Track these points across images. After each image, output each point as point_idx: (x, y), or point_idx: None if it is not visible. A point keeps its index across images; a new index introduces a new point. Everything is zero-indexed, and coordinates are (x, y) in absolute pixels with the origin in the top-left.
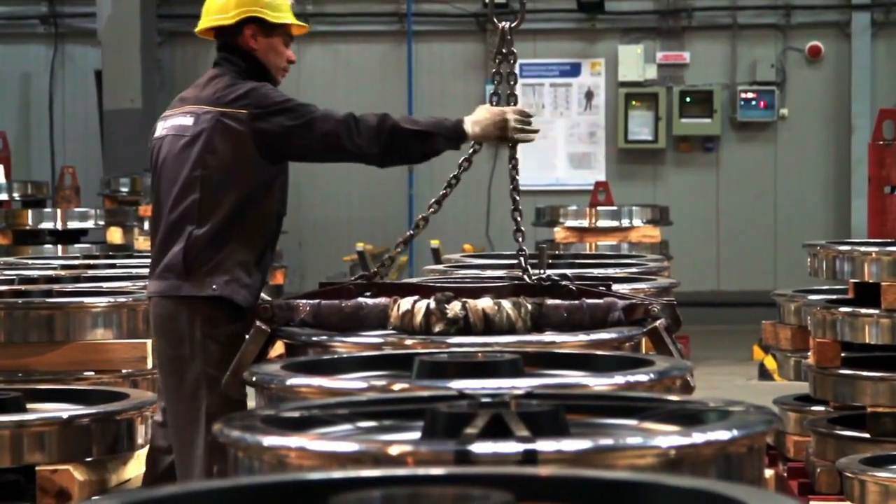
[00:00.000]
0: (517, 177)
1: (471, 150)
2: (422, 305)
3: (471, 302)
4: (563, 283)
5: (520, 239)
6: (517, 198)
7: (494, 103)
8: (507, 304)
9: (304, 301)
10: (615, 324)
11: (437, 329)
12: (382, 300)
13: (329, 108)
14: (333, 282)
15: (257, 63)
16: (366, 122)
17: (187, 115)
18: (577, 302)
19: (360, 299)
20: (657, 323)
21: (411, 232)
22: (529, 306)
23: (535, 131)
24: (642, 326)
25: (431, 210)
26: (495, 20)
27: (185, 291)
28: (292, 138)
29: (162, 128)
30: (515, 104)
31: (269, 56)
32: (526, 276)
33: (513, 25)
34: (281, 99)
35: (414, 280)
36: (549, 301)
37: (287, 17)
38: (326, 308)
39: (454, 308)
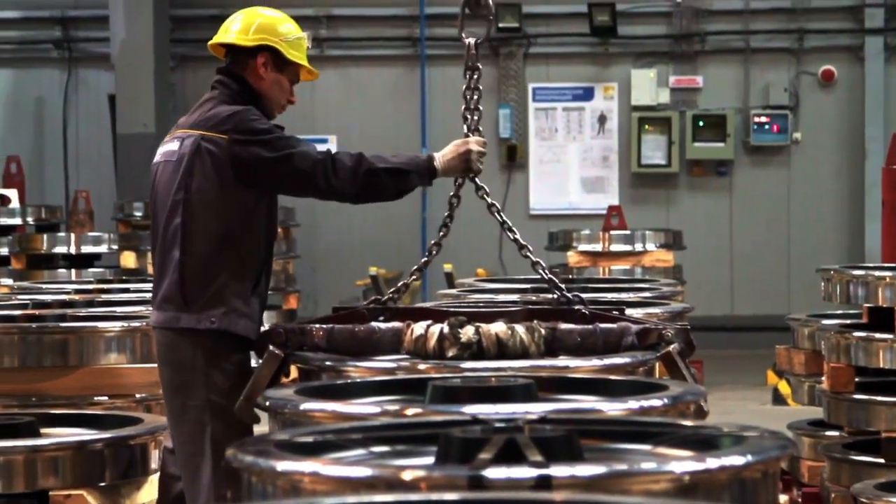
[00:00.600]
0: (489, 199)
1: (456, 185)
2: (435, 330)
3: (484, 326)
4: (577, 307)
5: (529, 255)
6: (503, 219)
7: (465, 118)
8: (520, 328)
9: (317, 325)
10: (629, 348)
11: (450, 354)
12: (396, 324)
13: (309, 144)
14: (347, 306)
15: (251, 90)
16: (341, 162)
17: (175, 139)
18: (590, 326)
19: (374, 324)
20: (671, 348)
21: (425, 258)
22: (543, 331)
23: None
24: (656, 351)
25: (442, 234)
26: (462, 35)
27: (184, 324)
28: (267, 171)
29: (158, 154)
30: (479, 118)
31: (272, 89)
32: (553, 286)
33: (479, 41)
34: (262, 128)
35: (427, 304)
36: (563, 326)
37: (301, 59)
38: (340, 332)
39: (467, 333)
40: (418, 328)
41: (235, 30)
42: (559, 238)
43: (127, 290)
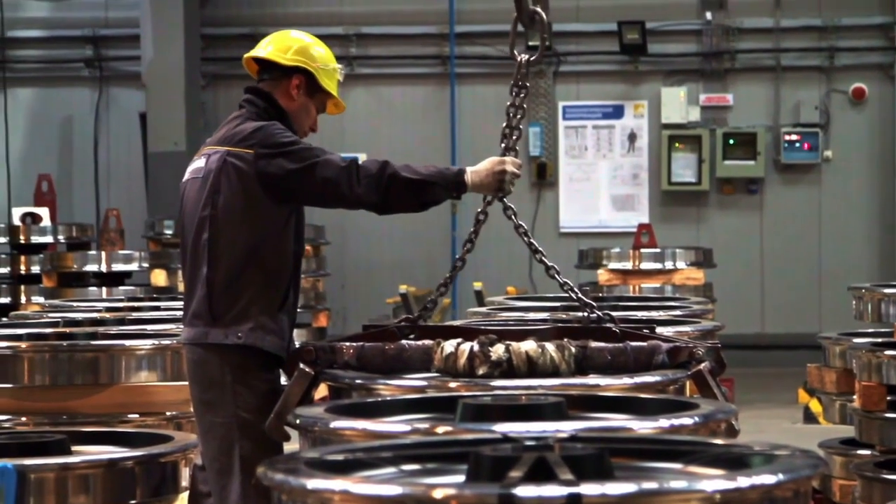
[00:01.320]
0: (516, 220)
1: (485, 202)
2: (465, 348)
3: (514, 345)
4: (607, 325)
5: (556, 275)
6: (529, 240)
7: (505, 135)
8: (550, 346)
9: (347, 343)
10: (659, 367)
11: (480, 372)
12: (426, 342)
13: (333, 154)
14: (377, 324)
15: (279, 109)
16: (366, 169)
17: (202, 156)
18: (620, 345)
19: (404, 342)
20: (701, 366)
21: (450, 274)
22: (573, 349)
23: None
24: (687, 369)
25: (466, 249)
26: (514, 52)
27: (212, 339)
28: (292, 182)
29: (186, 172)
30: (518, 138)
31: (299, 112)
32: (583, 304)
33: (532, 59)
34: (286, 140)
35: (457, 322)
36: (593, 344)
37: (332, 88)
38: (370, 350)
39: (498, 351)
40: (448, 346)
41: (274, 47)
42: (589, 256)
43: (157, 308)
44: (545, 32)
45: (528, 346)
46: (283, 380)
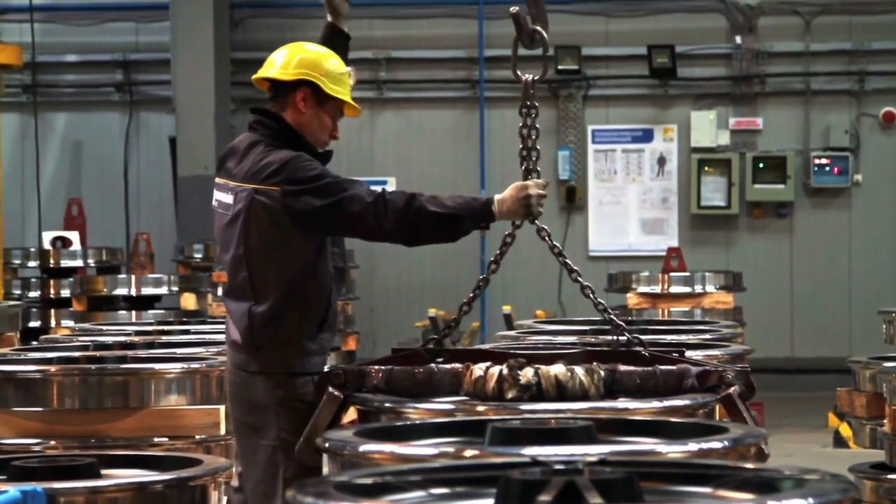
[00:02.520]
0: (550, 241)
1: (513, 226)
2: (494, 372)
3: (543, 368)
4: (637, 349)
5: (591, 294)
6: (565, 260)
7: (524, 157)
8: (579, 370)
9: (376, 367)
10: (689, 391)
11: (509, 395)
12: (455, 366)
13: (361, 186)
14: (406, 347)
15: (291, 130)
16: (394, 204)
17: (229, 192)
18: (650, 368)
19: (433, 365)
20: (731, 390)
21: (473, 293)
22: (602, 373)
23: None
24: (716, 393)
25: (491, 269)
26: (517, 73)
27: (255, 366)
28: (320, 218)
29: (214, 197)
30: (537, 158)
31: (311, 124)
32: (615, 327)
33: (536, 78)
34: (312, 174)
35: (486, 346)
36: (622, 367)
37: (342, 94)
38: (399, 374)
39: (527, 375)
40: (477, 370)
41: (278, 64)
42: (618, 280)
43: (187, 332)
44: (547, 51)
45: (558, 369)
46: None
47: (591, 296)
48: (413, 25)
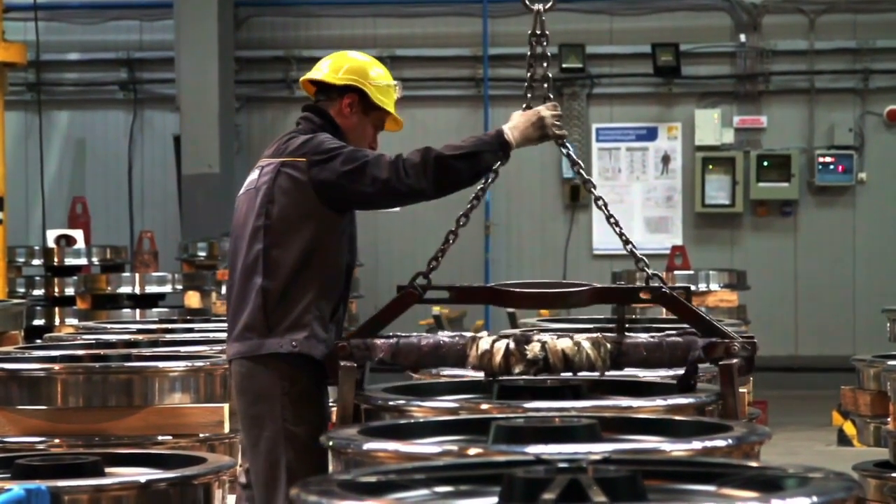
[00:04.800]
0: (607, 210)
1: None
2: (501, 346)
3: (550, 342)
4: (656, 286)
5: (646, 268)
6: (620, 231)
7: (529, 98)
8: (586, 343)
9: (381, 340)
10: (695, 362)
11: (516, 370)
12: (461, 339)
13: (380, 154)
14: (403, 285)
15: (334, 125)
16: (410, 161)
17: (255, 170)
18: (656, 340)
19: (439, 337)
20: (733, 361)
21: (443, 246)
22: (609, 345)
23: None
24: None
25: (461, 224)
26: (526, 2)
27: (267, 349)
28: (347, 184)
29: (242, 189)
30: (550, 87)
31: (355, 131)
32: (637, 262)
33: (546, 7)
34: (336, 145)
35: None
36: (629, 340)
37: (388, 105)
38: (405, 347)
39: (534, 349)
40: (484, 343)
41: (326, 68)
42: (622, 278)
43: (191, 330)
44: None
45: (564, 343)
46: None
47: (647, 269)
48: (417, 24)
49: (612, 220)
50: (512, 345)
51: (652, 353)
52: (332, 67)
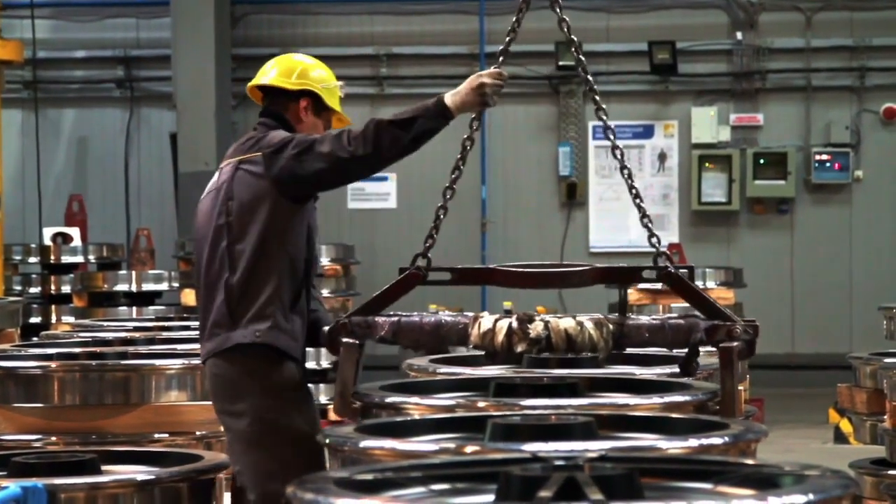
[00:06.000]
0: (631, 180)
1: (473, 128)
2: (503, 325)
3: (553, 321)
4: (661, 265)
5: (649, 225)
6: (640, 203)
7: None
8: (589, 324)
9: (383, 318)
10: (697, 344)
11: (519, 349)
12: (463, 318)
13: (329, 132)
14: (406, 267)
15: (291, 129)
16: (354, 132)
17: (216, 173)
18: (658, 322)
19: (441, 317)
20: (733, 344)
21: (435, 223)
22: (611, 326)
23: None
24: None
25: (448, 197)
26: None
27: (233, 341)
28: (300, 166)
29: (203, 194)
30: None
31: (310, 132)
32: (648, 231)
33: None
34: (286, 136)
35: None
36: (631, 322)
37: (337, 105)
38: (406, 326)
39: (536, 328)
40: (486, 322)
41: (276, 73)
42: None
43: (187, 328)
44: None
45: (567, 323)
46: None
47: (658, 245)
48: (414, 21)
49: (633, 192)
50: (515, 324)
51: (654, 335)
52: (281, 72)
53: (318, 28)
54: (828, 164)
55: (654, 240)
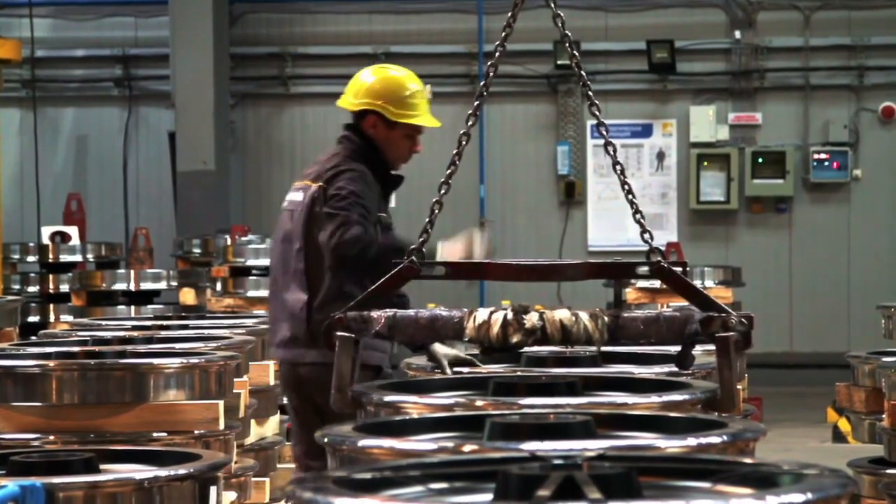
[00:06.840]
0: (624, 177)
1: (469, 123)
2: (499, 317)
3: (548, 313)
4: (655, 260)
5: (642, 220)
6: (632, 199)
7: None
8: (584, 315)
9: (378, 313)
10: (692, 335)
11: (514, 340)
12: (458, 312)
13: (361, 228)
14: (400, 261)
15: (371, 146)
16: (373, 245)
17: (299, 190)
18: (653, 314)
19: (436, 310)
20: (730, 335)
21: (430, 217)
22: (606, 318)
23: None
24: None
25: (443, 192)
26: None
27: (310, 359)
28: (331, 253)
29: (286, 201)
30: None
31: (388, 144)
32: (642, 228)
33: None
34: (346, 193)
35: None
36: (626, 314)
37: (408, 118)
38: (402, 320)
39: (531, 319)
40: (481, 315)
41: (347, 94)
42: None
43: (186, 327)
44: None
45: (563, 314)
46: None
47: (651, 241)
48: (413, 20)
49: (626, 188)
50: (510, 315)
51: (649, 327)
52: (350, 92)
53: (316, 27)
54: (826, 163)
55: (646, 235)
